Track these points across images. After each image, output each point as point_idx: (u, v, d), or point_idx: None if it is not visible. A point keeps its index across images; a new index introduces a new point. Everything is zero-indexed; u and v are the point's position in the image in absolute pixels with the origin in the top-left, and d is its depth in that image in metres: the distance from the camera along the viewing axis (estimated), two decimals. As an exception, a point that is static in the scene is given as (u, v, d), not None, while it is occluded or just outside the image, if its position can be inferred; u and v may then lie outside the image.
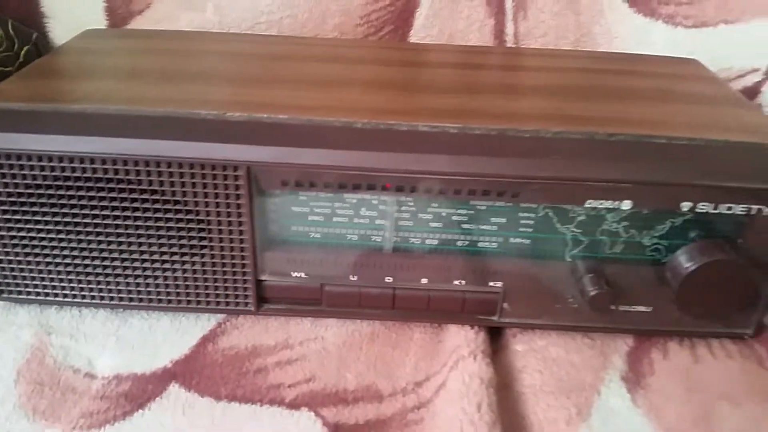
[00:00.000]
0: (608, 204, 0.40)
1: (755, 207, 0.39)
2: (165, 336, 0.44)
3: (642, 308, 0.44)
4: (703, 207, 0.39)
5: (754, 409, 0.40)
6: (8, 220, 0.42)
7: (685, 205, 0.40)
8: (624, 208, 0.40)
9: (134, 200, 0.41)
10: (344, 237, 0.43)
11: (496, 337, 0.46)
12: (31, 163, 0.39)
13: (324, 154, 0.39)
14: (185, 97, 0.43)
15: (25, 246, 0.43)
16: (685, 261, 0.40)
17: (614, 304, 0.44)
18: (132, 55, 0.51)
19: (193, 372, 0.41)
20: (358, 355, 0.44)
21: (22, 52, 0.68)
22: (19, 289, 0.44)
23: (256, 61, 0.52)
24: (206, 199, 0.40)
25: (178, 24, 0.69)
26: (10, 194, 0.41)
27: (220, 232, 0.42)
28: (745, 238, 0.41)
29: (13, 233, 0.42)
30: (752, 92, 0.68)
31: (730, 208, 0.39)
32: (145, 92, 0.44)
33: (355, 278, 0.44)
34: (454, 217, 0.42)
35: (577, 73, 0.53)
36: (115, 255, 0.43)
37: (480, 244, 0.43)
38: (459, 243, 0.43)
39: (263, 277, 0.44)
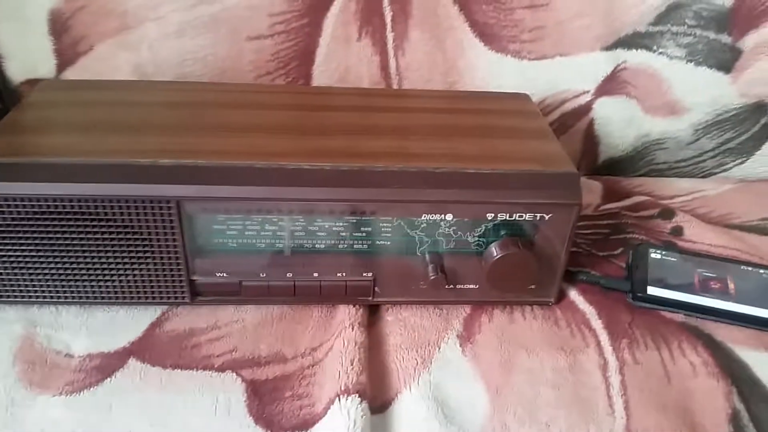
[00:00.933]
0: (437, 216, 0.57)
1: (538, 215, 0.57)
2: (123, 324, 0.59)
3: (472, 285, 0.61)
4: (502, 216, 0.57)
5: (542, 355, 0.58)
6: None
7: (490, 215, 0.57)
8: (448, 218, 0.57)
9: (95, 226, 0.55)
10: (254, 245, 0.58)
11: (374, 311, 0.62)
12: (16, 203, 0.53)
13: (234, 190, 0.55)
14: (128, 148, 0.57)
15: (12, 261, 0.57)
16: (492, 252, 0.57)
17: (450, 284, 0.61)
18: (83, 108, 0.65)
19: (146, 349, 0.57)
20: (270, 331, 0.60)
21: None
22: (7, 293, 0.59)
23: (182, 110, 0.66)
24: (148, 224, 0.55)
25: (117, 62, 0.82)
26: (-1, 225, 0.55)
27: (160, 246, 0.57)
28: (537, 236, 0.58)
29: (2, 253, 0.56)
30: (586, 109, 0.87)
31: (521, 216, 0.57)
32: (97, 144, 0.58)
33: (264, 275, 0.60)
34: (335, 228, 0.58)
35: (428, 113, 0.69)
36: (83, 265, 0.57)
37: (355, 246, 0.59)
38: (340, 246, 0.59)
39: (194, 277, 0.59)
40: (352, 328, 0.58)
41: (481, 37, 0.82)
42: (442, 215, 0.57)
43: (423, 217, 0.57)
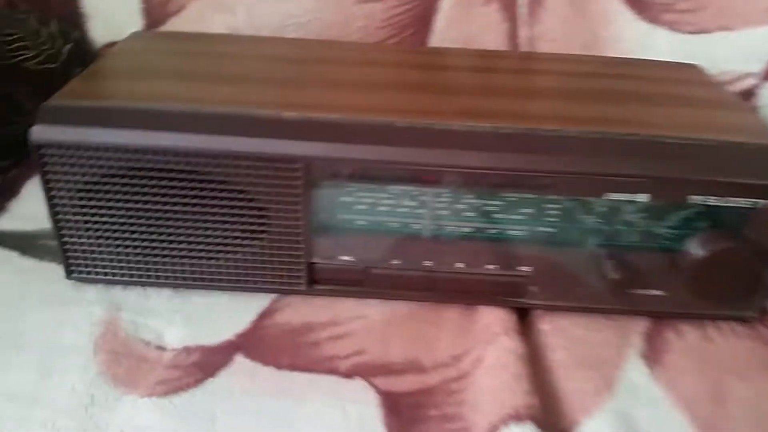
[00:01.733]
0: (625, 197, 0.45)
1: (756, 201, 0.44)
2: (225, 312, 0.48)
3: (656, 292, 0.49)
4: (711, 200, 0.44)
5: (760, 383, 0.45)
6: (82, 206, 0.46)
7: (696, 199, 0.44)
8: (641, 199, 0.45)
9: (200, 189, 0.45)
10: (387, 225, 0.47)
11: (522, 316, 0.50)
12: (107, 154, 0.43)
13: (371, 150, 0.44)
14: (242, 98, 0.47)
15: (96, 230, 0.47)
16: (695, 249, 0.45)
17: (631, 288, 0.48)
18: (181, 57, 0.55)
19: (255, 344, 0.46)
20: (399, 332, 0.48)
21: (64, 50, 0.71)
22: (88, 269, 0.49)
23: (296, 64, 0.56)
24: (266, 189, 0.45)
25: (211, 25, 0.73)
26: (86, 183, 0.45)
27: (278, 219, 0.46)
28: (749, 229, 0.45)
29: (86, 218, 0.46)
30: (748, 95, 0.74)
31: (734, 202, 0.44)
32: (205, 92, 0.48)
33: (397, 262, 0.48)
34: (486, 208, 0.46)
35: (588, 77, 0.58)
36: (180, 239, 0.47)
37: (510, 233, 0.47)
38: (491, 231, 0.47)
39: (314, 260, 0.48)
40: (508, 336, 0.46)
41: (629, 3, 0.70)
42: (633, 195, 0.45)
43: (605, 197, 0.45)
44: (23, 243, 0.54)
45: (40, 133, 0.43)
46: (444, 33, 0.72)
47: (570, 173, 0.44)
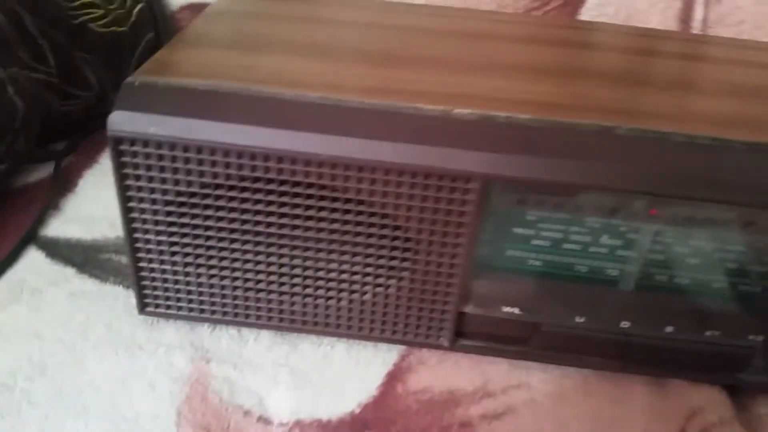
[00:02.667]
0: None
1: None
2: (344, 369, 0.36)
3: None
4: None
5: None
6: (169, 223, 0.34)
7: None
8: None
9: (331, 210, 0.33)
10: (572, 268, 0.35)
11: (734, 398, 0.38)
12: (213, 158, 0.31)
13: (585, 168, 0.31)
14: (393, 86, 0.35)
15: (184, 253, 0.35)
16: None
17: None
18: (301, 24, 0.43)
19: (388, 421, 0.34)
20: (575, 411, 0.36)
21: (135, 10, 0.60)
22: (168, 302, 0.37)
23: (445, 40, 0.43)
24: (421, 215, 0.32)
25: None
26: (178, 193, 0.33)
27: (429, 253, 0.34)
28: None
29: (173, 238, 0.34)
30: None
31: None
32: (343, 77, 0.35)
33: (582, 320, 0.36)
34: (719, 254, 0.33)
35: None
36: (295, 270, 0.35)
37: (742, 288, 0.34)
38: (720, 286, 0.34)
39: (467, 309, 0.36)
40: (728, 426, 0.34)
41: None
42: None
43: None
44: (82, 256, 0.42)
45: (121, 122, 0.31)
46: (599, 8, 0.58)
47: None
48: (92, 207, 0.47)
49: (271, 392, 0.35)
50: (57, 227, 0.45)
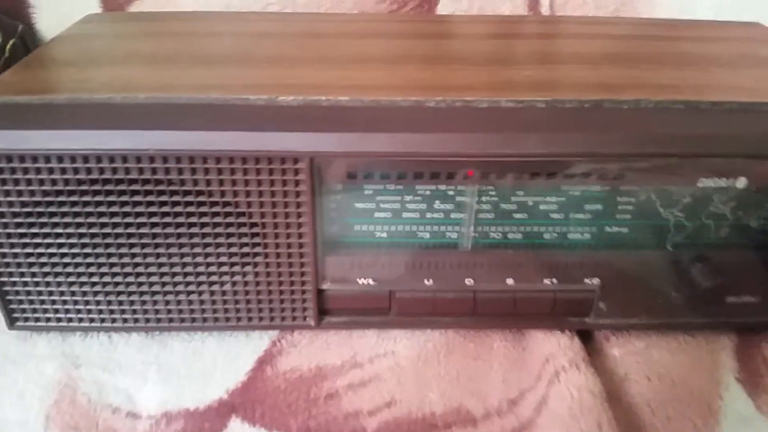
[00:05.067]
0: (722, 182, 0.35)
1: None
2: (214, 360, 0.38)
3: (749, 299, 0.39)
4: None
5: None
6: (21, 235, 0.35)
7: (810, 181, 0.35)
8: (738, 186, 0.35)
9: (174, 203, 0.34)
10: (415, 235, 0.37)
11: (584, 340, 0.40)
12: (48, 165, 0.33)
13: (397, 139, 0.33)
14: (223, 82, 0.37)
15: (41, 264, 0.36)
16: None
17: (720, 297, 0.39)
18: (145, 39, 0.45)
19: (255, 402, 0.35)
20: (437, 371, 0.38)
21: (7, 47, 0.60)
22: (36, 315, 0.38)
23: (285, 41, 0.46)
24: (261, 199, 0.34)
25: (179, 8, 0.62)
26: (23, 204, 0.34)
27: (277, 236, 0.36)
28: None
29: (27, 249, 0.35)
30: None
31: None
32: (175, 78, 0.37)
33: (430, 282, 0.38)
34: (542, 206, 0.36)
35: (634, 40, 0.48)
36: (150, 269, 0.36)
37: (572, 237, 0.37)
38: (548, 236, 0.37)
39: (324, 286, 0.38)
40: (578, 368, 0.36)
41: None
42: (732, 180, 0.35)
43: (699, 184, 0.35)
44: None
45: (-47, 140, 0.32)
46: (453, 4, 0.62)
47: (657, 155, 0.34)
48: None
49: (140, 389, 0.36)
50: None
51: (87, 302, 0.37)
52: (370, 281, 0.38)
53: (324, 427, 0.34)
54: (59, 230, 0.35)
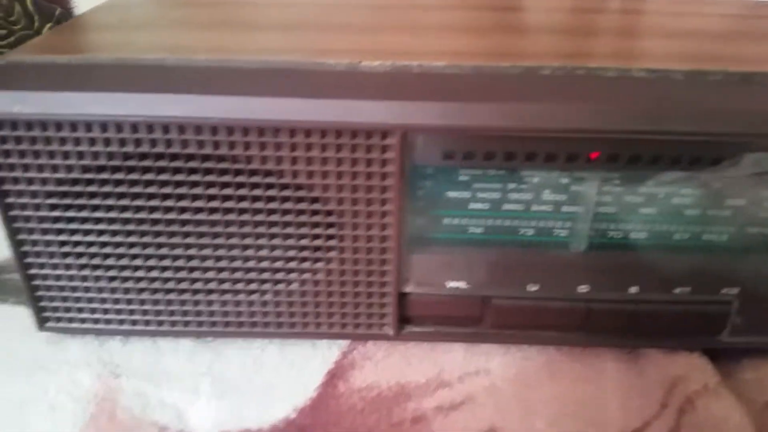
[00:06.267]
0: None
1: None
2: (277, 373, 0.32)
3: None
4: None
5: None
6: (55, 219, 0.30)
7: None
8: None
9: (237, 185, 0.29)
10: (517, 231, 0.31)
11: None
12: (90, 134, 0.27)
13: (509, 111, 0.27)
14: (293, 46, 0.31)
15: (77, 254, 0.31)
16: None
17: None
18: (196, 8, 0.39)
19: (329, 423, 0.29)
20: (541, 394, 0.32)
21: (44, 30, 0.56)
22: (70, 315, 0.33)
23: (357, 10, 0.40)
24: (339, 181, 0.29)
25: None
26: (58, 182, 0.29)
27: (355, 226, 0.30)
28: None
29: (61, 236, 0.30)
30: None
31: None
32: (236, 42, 0.32)
33: (535, 288, 0.32)
34: (674, 200, 0.30)
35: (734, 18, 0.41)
36: (207, 263, 0.31)
37: (707, 236, 0.31)
38: (682, 236, 0.31)
39: (407, 289, 0.32)
40: (715, 395, 0.30)
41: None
42: None
43: None
44: (-21, 278, 0.38)
45: (-15, 103, 0.27)
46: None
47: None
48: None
49: (192, 404, 0.30)
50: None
51: (129, 301, 0.32)
52: (462, 285, 0.32)
53: (411, 460, 0.28)
54: (99, 214, 0.29)
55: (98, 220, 0.30)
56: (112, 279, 0.31)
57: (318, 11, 0.39)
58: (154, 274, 0.31)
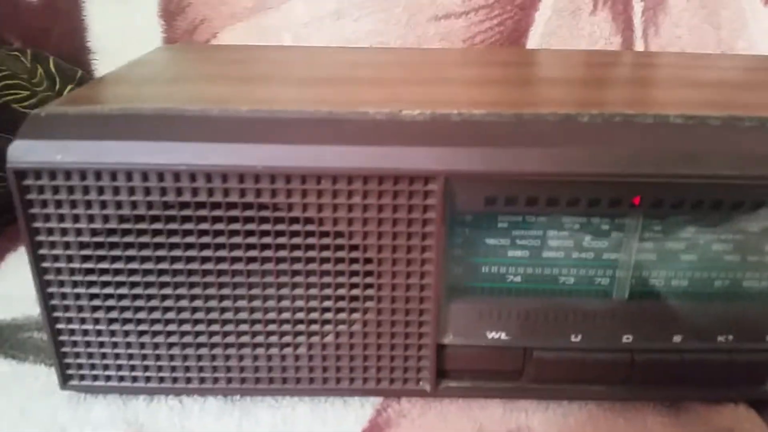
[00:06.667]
0: None
1: None
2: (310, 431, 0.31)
3: None
4: None
5: None
6: (87, 271, 0.29)
7: None
8: None
9: (276, 234, 0.28)
10: (557, 279, 0.30)
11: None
12: (130, 183, 0.27)
13: (552, 156, 0.27)
14: (334, 98, 0.32)
15: (108, 309, 0.30)
16: None
17: None
18: (230, 64, 0.40)
19: (367, 486, 0.28)
20: (587, 453, 0.30)
21: (66, 92, 0.57)
22: (94, 372, 0.31)
23: (389, 67, 0.41)
24: (380, 228, 0.28)
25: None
26: (93, 232, 0.28)
27: (394, 275, 0.29)
28: None
29: (92, 289, 0.29)
30: None
31: None
32: (276, 94, 0.32)
33: (578, 338, 0.31)
34: (717, 245, 0.30)
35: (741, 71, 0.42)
36: (240, 315, 0.30)
37: (749, 282, 0.30)
38: (720, 282, 0.30)
39: (446, 340, 0.31)
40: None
41: (769, 2, 0.56)
42: None
43: None
44: (-3, 337, 0.37)
45: (24, 152, 0.27)
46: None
47: None
48: (13, 287, 0.41)
49: (222, 468, 0.29)
50: (-30, 310, 0.39)
51: (157, 357, 0.31)
52: (502, 335, 0.31)
53: None
54: (133, 266, 0.29)
55: (131, 272, 0.29)
56: (142, 333, 0.30)
57: (348, 68, 0.40)
58: (187, 327, 0.30)
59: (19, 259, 0.45)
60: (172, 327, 0.30)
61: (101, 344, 0.30)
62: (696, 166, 0.27)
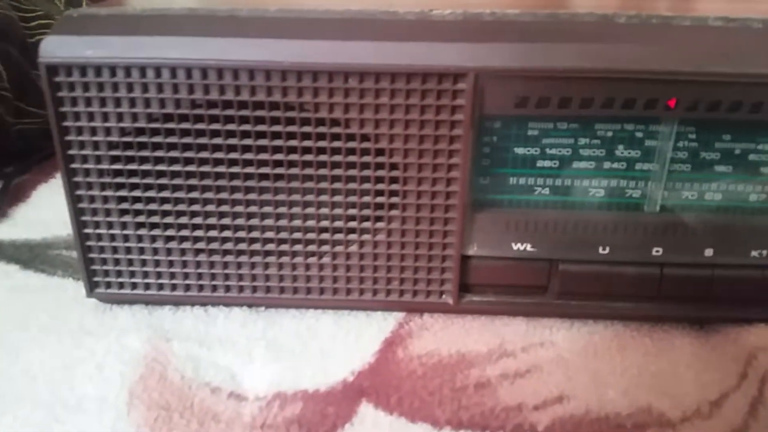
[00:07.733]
0: None
1: None
2: (332, 339, 0.31)
3: None
4: None
5: None
6: (116, 173, 0.29)
7: None
8: None
9: (303, 136, 0.28)
10: (587, 191, 0.30)
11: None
12: (158, 80, 0.27)
13: (588, 51, 0.27)
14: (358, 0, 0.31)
15: (136, 213, 0.30)
16: None
17: None
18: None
19: (389, 387, 0.28)
20: (612, 366, 0.30)
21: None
22: (121, 280, 0.32)
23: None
24: (406, 131, 0.28)
25: None
26: (122, 131, 0.28)
27: (421, 181, 0.29)
28: None
29: (121, 192, 0.29)
30: None
31: None
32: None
33: (606, 251, 0.30)
34: (752, 157, 0.29)
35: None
36: (266, 221, 0.30)
37: (785, 197, 0.29)
38: (756, 194, 0.29)
39: (470, 252, 0.31)
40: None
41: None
42: None
43: None
44: (28, 254, 0.37)
45: (55, 47, 0.27)
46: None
47: None
48: (44, 212, 0.42)
49: (245, 367, 0.29)
50: (2, 231, 0.40)
51: (184, 264, 0.31)
52: (528, 247, 0.30)
53: (480, 421, 0.26)
54: (161, 167, 0.29)
55: (159, 174, 0.29)
56: (168, 239, 0.30)
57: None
58: (213, 233, 0.30)
59: (51, 189, 0.46)
60: (198, 233, 0.30)
61: (128, 250, 0.31)
62: (735, 65, 0.26)
